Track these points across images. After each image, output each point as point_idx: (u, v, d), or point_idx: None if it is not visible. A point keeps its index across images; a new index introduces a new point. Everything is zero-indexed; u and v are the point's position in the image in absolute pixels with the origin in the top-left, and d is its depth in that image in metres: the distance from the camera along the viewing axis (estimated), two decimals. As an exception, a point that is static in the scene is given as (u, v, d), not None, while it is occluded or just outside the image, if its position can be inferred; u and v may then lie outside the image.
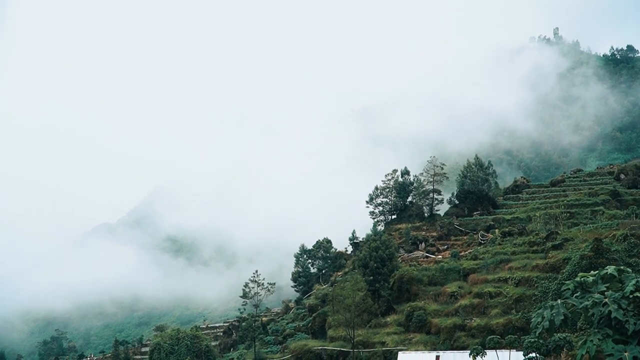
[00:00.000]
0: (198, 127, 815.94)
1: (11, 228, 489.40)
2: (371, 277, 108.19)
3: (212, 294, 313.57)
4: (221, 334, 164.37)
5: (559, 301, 47.92)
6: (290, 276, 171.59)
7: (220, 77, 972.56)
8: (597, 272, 48.32)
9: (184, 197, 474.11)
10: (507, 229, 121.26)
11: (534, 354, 60.12)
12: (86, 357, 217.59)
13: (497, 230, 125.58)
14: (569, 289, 48.61)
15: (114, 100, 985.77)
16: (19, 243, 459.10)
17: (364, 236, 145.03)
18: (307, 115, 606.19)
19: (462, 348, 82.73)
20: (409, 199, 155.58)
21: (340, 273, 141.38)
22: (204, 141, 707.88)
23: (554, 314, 46.86)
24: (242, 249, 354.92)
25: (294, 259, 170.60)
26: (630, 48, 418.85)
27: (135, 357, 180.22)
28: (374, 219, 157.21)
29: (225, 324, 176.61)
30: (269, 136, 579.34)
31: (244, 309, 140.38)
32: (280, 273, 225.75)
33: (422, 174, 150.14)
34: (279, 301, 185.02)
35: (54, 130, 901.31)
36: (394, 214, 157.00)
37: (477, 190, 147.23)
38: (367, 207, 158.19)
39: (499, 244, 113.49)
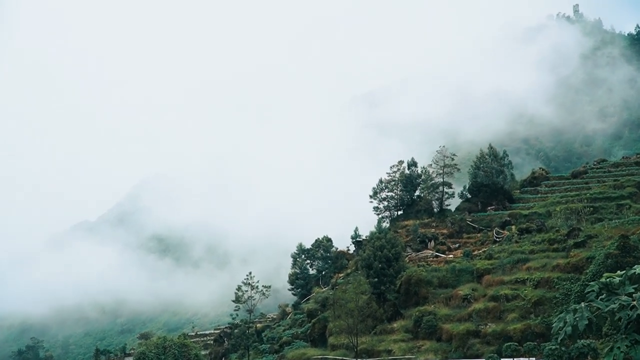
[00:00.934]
0: (187, 114, 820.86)
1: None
2: (376, 279, 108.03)
3: (203, 298, 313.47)
4: (212, 342, 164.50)
5: (582, 304, 47.53)
6: (288, 278, 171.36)
7: (210, 56, 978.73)
8: (624, 272, 47.91)
9: (172, 191, 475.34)
10: (524, 226, 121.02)
11: (555, 363, 59.92)
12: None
13: (513, 227, 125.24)
14: (593, 290, 48.25)
15: (92, 84, 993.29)
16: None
17: (368, 234, 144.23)
18: (306, 101, 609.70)
19: (476, 356, 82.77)
20: (417, 193, 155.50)
21: (342, 274, 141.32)
22: (194, 129, 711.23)
23: (577, 319, 46.49)
24: (236, 248, 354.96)
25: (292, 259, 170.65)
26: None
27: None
28: (378, 215, 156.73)
29: (216, 331, 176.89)
30: (265, 123, 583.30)
31: (237, 315, 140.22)
32: (277, 274, 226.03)
33: (431, 165, 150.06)
34: (275, 305, 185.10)
35: (27, 120, 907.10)
36: (400, 210, 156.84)
37: (491, 183, 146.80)
38: (371, 202, 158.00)
39: (516, 242, 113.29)
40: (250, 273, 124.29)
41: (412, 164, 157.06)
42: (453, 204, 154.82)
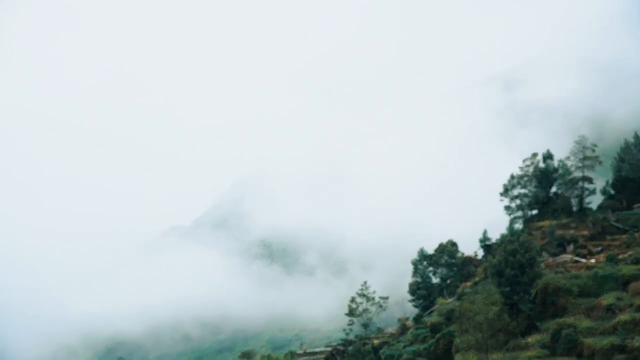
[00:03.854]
0: (285, 107, 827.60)
1: (64, 238, 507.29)
2: (508, 288, 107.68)
3: (316, 310, 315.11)
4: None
5: None
6: (408, 288, 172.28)
7: (303, 36, 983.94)
8: None
9: (275, 191, 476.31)
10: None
11: None
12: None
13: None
14: None
15: (179, 83, 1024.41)
16: (74, 256, 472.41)
17: (498, 237, 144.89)
18: (427, 86, 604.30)
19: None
20: (553, 189, 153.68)
21: (469, 283, 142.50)
22: (296, 123, 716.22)
23: None
24: (354, 253, 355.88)
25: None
26: None
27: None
28: (510, 215, 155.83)
29: (327, 349, 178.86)
30: (380, 113, 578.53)
31: (351, 330, 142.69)
32: (401, 283, 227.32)
33: (569, 158, 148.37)
34: (394, 319, 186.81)
35: (113, 122, 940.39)
36: (534, 209, 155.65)
37: (638, 177, 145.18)
38: (502, 200, 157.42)
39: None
40: (365, 283, 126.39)
41: (548, 156, 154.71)
42: (595, 202, 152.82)
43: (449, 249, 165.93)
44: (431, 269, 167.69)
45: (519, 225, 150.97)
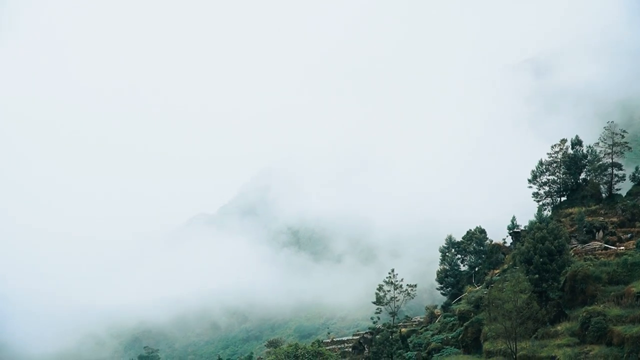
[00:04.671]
0: (309, 93, 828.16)
1: (91, 229, 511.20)
2: (536, 276, 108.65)
3: (344, 297, 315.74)
4: (350, 349, 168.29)
5: None
6: (436, 275, 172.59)
7: (320, 25, 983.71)
8: None
9: (301, 178, 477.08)
10: None
11: None
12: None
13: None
14: None
15: (203, 69, 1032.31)
16: (100, 246, 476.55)
17: (527, 224, 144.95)
18: (456, 71, 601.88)
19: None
20: (582, 176, 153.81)
21: (498, 271, 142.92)
22: (317, 110, 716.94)
23: None
24: (382, 240, 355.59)
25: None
26: None
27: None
28: (538, 201, 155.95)
29: (355, 337, 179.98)
30: (407, 96, 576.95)
31: (378, 318, 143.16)
32: (430, 270, 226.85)
33: (598, 143, 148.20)
34: (423, 307, 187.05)
35: (137, 124, 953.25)
36: (563, 195, 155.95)
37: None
38: (530, 187, 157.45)
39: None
40: (392, 270, 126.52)
41: (577, 142, 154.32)
42: (624, 188, 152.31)
43: (477, 236, 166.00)
44: (459, 256, 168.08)
45: (547, 212, 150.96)
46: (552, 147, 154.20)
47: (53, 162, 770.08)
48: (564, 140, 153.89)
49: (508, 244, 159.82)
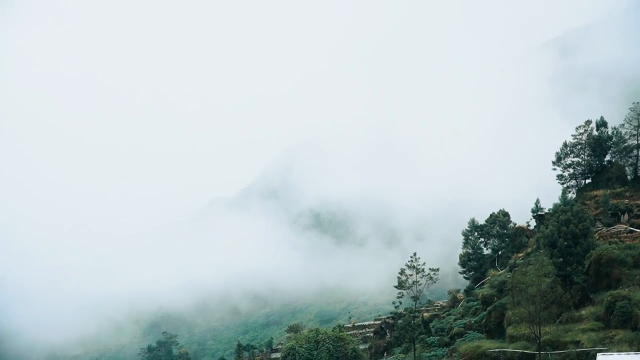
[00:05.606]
0: (331, 74, 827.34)
1: (109, 213, 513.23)
2: (560, 259, 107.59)
3: (367, 281, 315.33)
4: (372, 334, 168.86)
5: None
6: (458, 259, 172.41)
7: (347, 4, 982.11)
8: None
9: (324, 160, 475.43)
10: None
11: None
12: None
13: None
14: None
15: (225, 50, 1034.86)
16: (119, 230, 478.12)
17: (551, 207, 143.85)
18: (481, 50, 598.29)
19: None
20: (607, 157, 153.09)
21: (521, 254, 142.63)
22: (341, 87, 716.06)
23: None
24: (406, 223, 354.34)
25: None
26: None
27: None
28: (562, 184, 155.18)
29: (376, 322, 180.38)
30: (431, 77, 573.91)
31: (400, 303, 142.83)
32: (455, 253, 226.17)
33: (624, 125, 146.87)
34: (445, 291, 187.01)
35: (156, 95, 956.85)
36: (588, 178, 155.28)
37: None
38: (554, 169, 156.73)
39: None
40: (415, 254, 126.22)
41: (602, 123, 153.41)
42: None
43: (500, 219, 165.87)
44: (482, 239, 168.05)
45: (571, 194, 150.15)
46: (577, 128, 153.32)
47: (74, 161, 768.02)
48: (588, 122, 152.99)
49: (532, 227, 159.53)
